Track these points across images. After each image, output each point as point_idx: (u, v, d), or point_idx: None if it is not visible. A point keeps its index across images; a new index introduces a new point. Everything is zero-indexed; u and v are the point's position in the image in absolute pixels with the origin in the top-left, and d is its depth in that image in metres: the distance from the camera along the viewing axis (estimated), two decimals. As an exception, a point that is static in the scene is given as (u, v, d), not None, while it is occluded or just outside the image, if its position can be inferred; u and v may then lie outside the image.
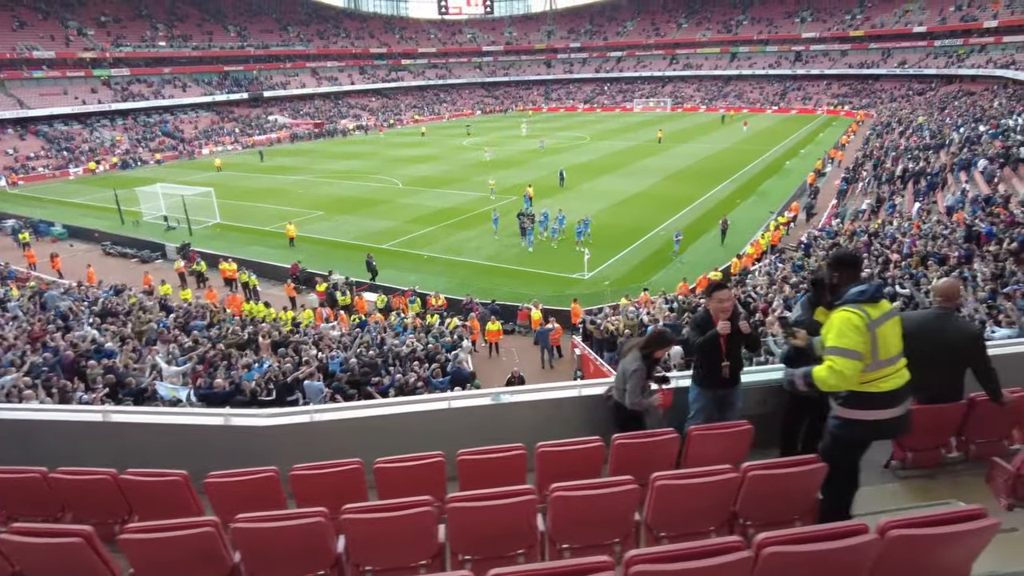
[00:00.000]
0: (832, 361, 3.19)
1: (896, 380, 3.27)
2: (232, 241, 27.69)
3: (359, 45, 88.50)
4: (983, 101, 49.32)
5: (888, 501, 3.43)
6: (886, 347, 3.26)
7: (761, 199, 30.16)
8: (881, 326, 3.22)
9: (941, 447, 3.59)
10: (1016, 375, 4.04)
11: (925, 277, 14.97)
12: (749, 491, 2.87)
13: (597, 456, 3.46)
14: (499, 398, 4.20)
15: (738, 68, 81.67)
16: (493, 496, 2.83)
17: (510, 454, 3.52)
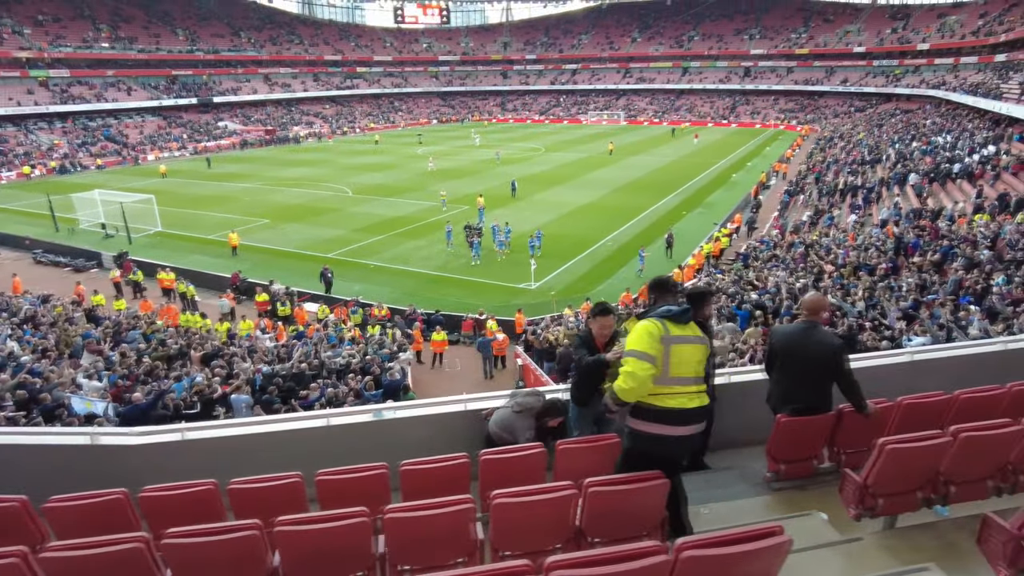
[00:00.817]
0: (626, 363, 3.32)
1: (684, 401, 3.33)
2: (173, 250, 26.86)
3: (313, 52, 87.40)
4: (917, 119, 51.67)
5: (760, 513, 3.48)
6: (679, 365, 3.34)
7: (707, 211, 30.83)
8: (679, 345, 3.35)
9: (813, 458, 3.67)
10: (892, 386, 4.19)
11: (856, 287, 15.54)
12: (591, 508, 2.86)
13: (462, 471, 3.43)
14: (380, 414, 4.12)
15: (690, 82, 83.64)
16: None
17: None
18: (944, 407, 3.70)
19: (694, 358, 3.40)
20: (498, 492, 2.82)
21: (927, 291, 14.31)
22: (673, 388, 3.32)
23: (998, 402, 3.73)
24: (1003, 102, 37.75)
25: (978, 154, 31.81)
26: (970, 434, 2.91)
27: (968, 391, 3.74)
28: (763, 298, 14.65)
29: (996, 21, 62.02)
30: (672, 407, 3.30)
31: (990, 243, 17.04)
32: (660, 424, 3.31)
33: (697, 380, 3.42)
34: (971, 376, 4.21)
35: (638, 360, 3.26)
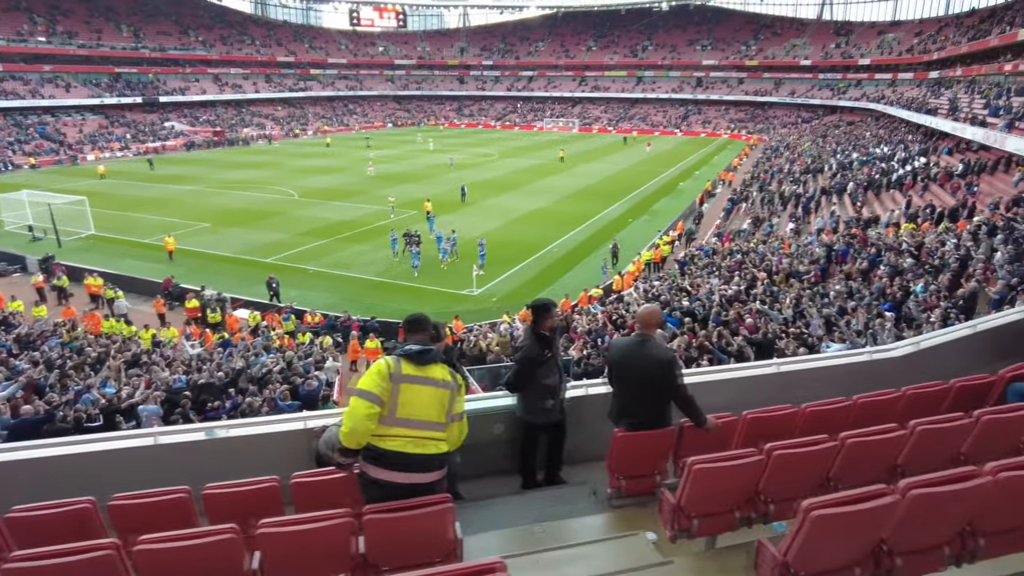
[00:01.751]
0: (349, 402, 3.20)
1: (404, 444, 3.16)
2: (106, 254, 25.84)
3: (265, 53, 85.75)
4: (858, 131, 53.56)
5: (593, 533, 3.42)
6: (408, 406, 3.17)
7: (652, 218, 31.25)
8: (410, 385, 3.19)
9: (656, 474, 3.64)
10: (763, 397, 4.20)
11: (785, 294, 15.90)
12: (371, 537, 2.75)
13: (271, 495, 3.29)
14: (213, 433, 3.94)
15: (643, 91, 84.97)
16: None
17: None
18: (787, 421, 3.72)
19: (429, 401, 3.21)
20: (268, 521, 2.70)
21: (852, 298, 14.71)
22: (397, 430, 3.17)
23: (845, 415, 3.77)
24: (934, 117, 39.39)
25: (910, 165, 33.11)
26: (781, 452, 2.90)
27: (816, 404, 3.76)
28: (694, 305, 14.84)
29: (930, 40, 64.89)
30: (390, 449, 3.15)
31: (914, 251, 17.66)
32: (379, 468, 3.16)
33: (432, 425, 3.22)
34: (842, 387, 4.26)
35: (359, 398, 3.14)
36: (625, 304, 17.13)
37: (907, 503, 2.39)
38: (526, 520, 3.49)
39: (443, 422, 3.26)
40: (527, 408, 4.51)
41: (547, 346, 4.46)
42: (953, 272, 14.58)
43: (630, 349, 3.93)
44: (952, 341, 5.08)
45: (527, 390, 4.47)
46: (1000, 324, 5.45)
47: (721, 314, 13.96)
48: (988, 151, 29.42)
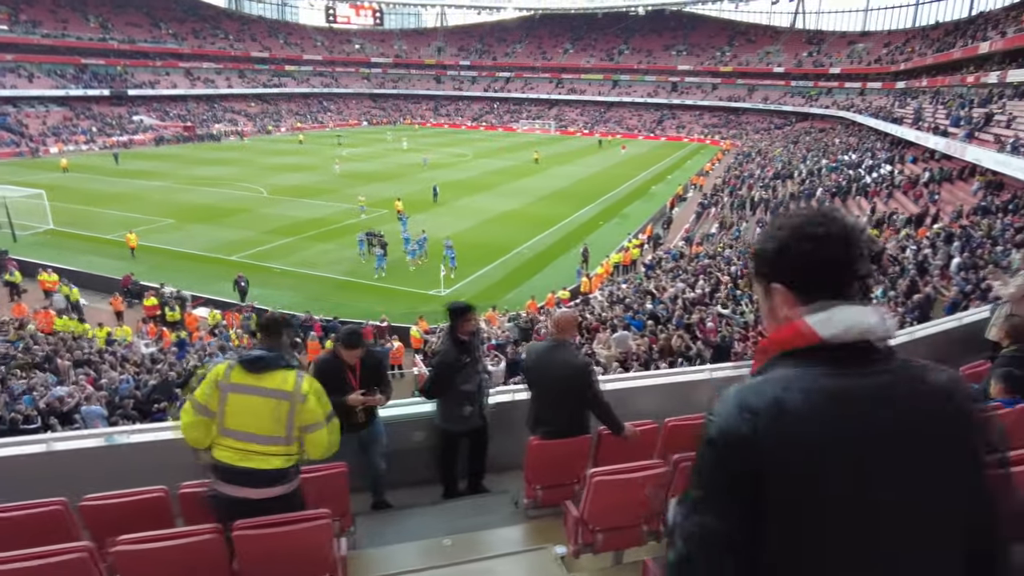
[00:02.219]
0: None
1: (231, 456, 3.00)
2: (64, 249, 25.11)
3: (239, 48, 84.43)
4: (828, 138, 54.50)
5: (503, 545, 3.31)
6: (235, 416, 3.00)
7: (623, 221, 31.35)
8: (238, 394, 3.01)
9: (575, 483, 3.55)
10: (697, 404, 4.15)
11: (749, 298, 16.02)
12: (242, 555, 2.62)
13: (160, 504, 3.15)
14: (112, 439, 3.77)
15: (619, 95, 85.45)
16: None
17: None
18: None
19: (260, 413, 2.98)
20: (126, 538, 2.57)
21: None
22: (226, 441, 3.02)
23: None
24: (900, 126, 40.21)
25: (876, 172, 33.74)
26: (688, 464, 2.84)
27: None
28: (657, 308, 14.87)
29: (897, 51, 66.33)
30: (219, 460, 3.01)
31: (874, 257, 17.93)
32: (221, 482, 3.02)
33: (263, 439, 3.00)
34: None
35: (188, 405, 3.03)
36: (591, 307, 17.12)
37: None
38: (440, 532, 3.37)
39: (281, 435, 3.02)
40: (444, 415, 4.39)
41: (465, 351, 4.36)
42: (911, 278, 14.84)
43: (544, 355, 3.80)
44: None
45: (446, 397, 4.37)
46: (938, 331, 5.48)
47: (684, 317, 14.01)
48: (951, 160, 30.10)
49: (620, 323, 13.74)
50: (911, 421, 1.13)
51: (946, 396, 1.17)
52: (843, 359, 1.16)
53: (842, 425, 1.11)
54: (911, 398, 1.15)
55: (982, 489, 1.17)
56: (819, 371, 1.15)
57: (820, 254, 1.21)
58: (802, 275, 1.23)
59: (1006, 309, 5.41)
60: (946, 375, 1.20)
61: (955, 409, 1.17)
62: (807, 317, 1.20)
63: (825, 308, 1.19)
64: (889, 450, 1.11)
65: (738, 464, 1.12)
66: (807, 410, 1.11)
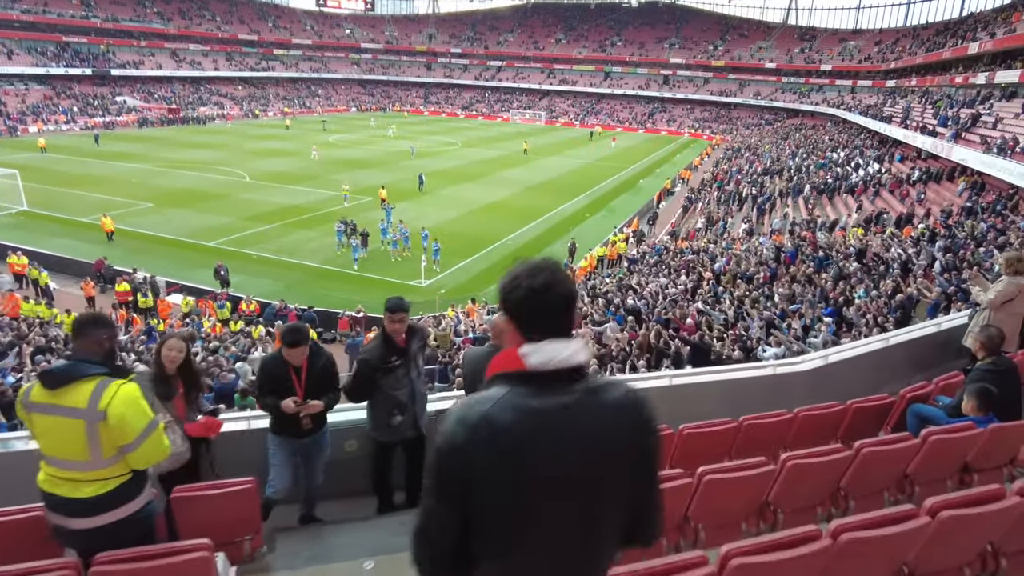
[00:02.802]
0: None
1: (45, 481, 2.70)
2: (38, 232, 24.51)
3: (227, 30, 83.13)
4: (818, 135, 54.51)
5: None
6: (43, 440, 2.66)
7: (610, 214, 31.15)
8: (41, 415, 2.63)
9: None
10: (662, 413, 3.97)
11: (729, 295, 15.87)
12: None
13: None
14: (8, 445, 3.49)
15: (611, 87, 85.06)
16: None
17: None
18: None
19: (61, 434, 2.59)
20: None
21: (796, 302, 14.73)
22: (44, 466, 2.72)
23: (723, 440, 3.49)
24: (889, 124, 40.22)
25: (863, 170, 33.72)
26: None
27: (696, 426, 3.48)
28: (639, 304, 14.67)
29: (888, 49, 66.39)
30: (39, 483, 2.72)
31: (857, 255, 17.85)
32: (47, 508, 2.73)
33: (70, 464, 2.63)
34: (738, 402, 4.01)
35: None
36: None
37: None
38: (365, 552, 3.10)
39: (86, 460, 2.61)
40: (374, 423, 4.10)
41: (396, 352, 4.01)
42: (895, 278, 14.73)
43: (482, 361, 3.39)
44: (865, 355, 4.87)
45: (375, 402, 4.07)
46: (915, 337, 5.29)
47: (664, 313, 13.83)
48: (937, 160, 30.12)
49: (601, 317, 13.52)
50: (589, 431, 1.46)
51: (619, 409, 1.50)
52: (546, 383, 1.46)
53: (537, 436, 1.42)
54: (591, 413, 1.47)
55: (646, 482, 1.59)
56: (525, 391, 1.45)
57: (536, 301, 1.50)
58: (523, 315, 1.53)
59: (984, 317, 5.22)
60: (622, 391, 1.53)
61: (627, 419, 1.51)
62: (521, 349, 1.50)
63: (536, 342, 1.49)
64: (571, 456, 1.44)
65: (456, 467, 1.42)
66: (510, 424, 1.41)
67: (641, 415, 1.54)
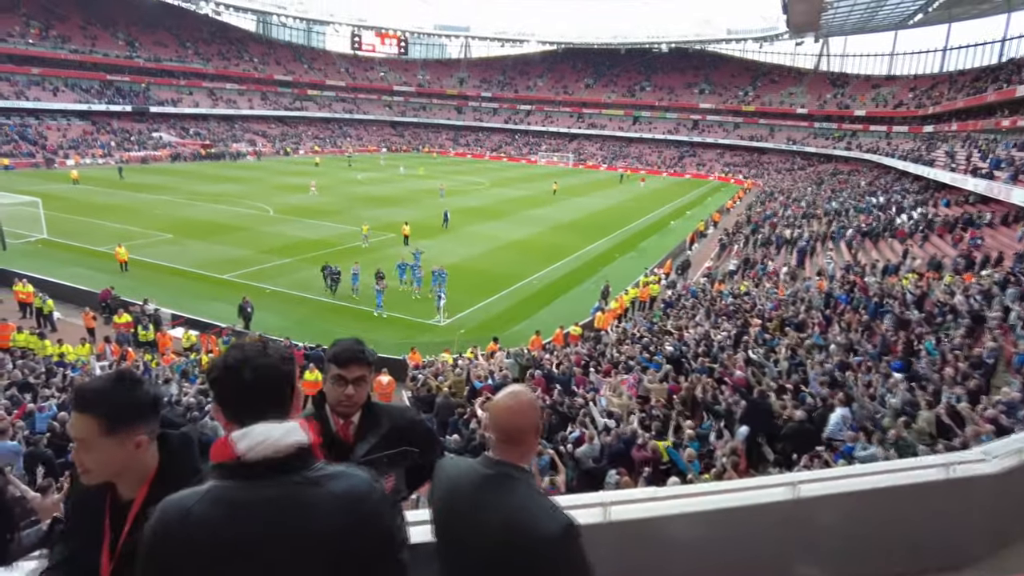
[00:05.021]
0: None
1: None
2: (53, 260, 24.03)
3: (263, 70, 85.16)
4: (853, 179, 53.01)
5: None
6: None
7: (640, 255, 29.83)
8: None
9: None
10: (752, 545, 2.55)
11: (779, 344, 14.31)
12: None
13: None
14: None
15: (639, 131, 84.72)
16: None
17: None
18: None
19: None
20: None
21: (856, 353, 13.15)
22: None
23: None
24: (932, 168, 38.69)
25: (906, 214, 32.08)
26: None
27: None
28: (678, 351, 13.20)
29: (924, 95, 65.09)
30: None
31: (916, 302, 16.24)
32: None
33: None
34: (899, 534, 2.59)
35: None
36: (603, 344, 15.48)
37: None
38: None
39: None
40: None
41: (334, 448, 2.48)
42: (966, 328, 13.10)
43: (470, 497, 1.82)
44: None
45: None
46: None
47: (707, 363, 12.34)
48: (988, 203, 28.45)
49: (637, 364, 12.08)
50: (290, 529, 1.37)
51: (336, 506, 1.41)
52: (257, 473, 1.39)
53: (229, 531, 1.35)
54: (298, 510, 1.39)
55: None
56: (232, 484, 1.39)
57: (230, 380, 1.47)
58: (223, 396, 1.50)
59: None
60: (347, 484, 1.45)
61: (340, 520, 1.40)
62: (231, 435, 1.42)
63: (246, 426, 1.42)
64: (267, 556, 1.36)
65: (158, 557, 1.36)
66: (207, 518, 1.34)
67: (360, 515, 1.43)
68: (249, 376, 1.44)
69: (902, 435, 7.99)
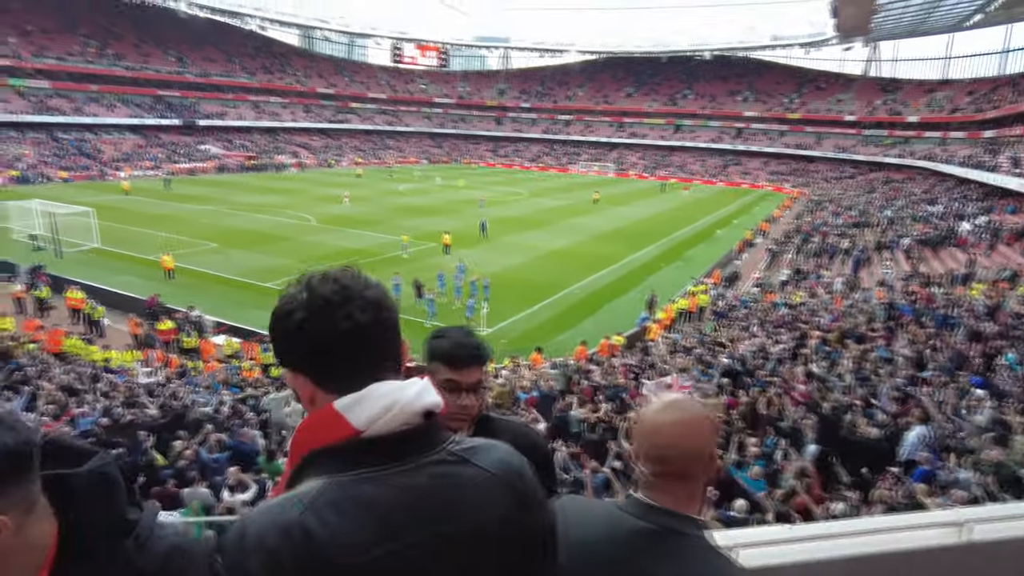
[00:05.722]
0: None
1: None
2: (104, 268, 24.57)
3: (307, 84, 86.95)
4: (907, 187, 51.01)
5: None
6: None
7: (686, 264, 28.98)
8: None
9: None
10: None
11: (840, 356, 13.46)
12: None
13: None
14: None
15: (681, 140, 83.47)
16: None
17: None
18: None
19: None
20: None
21: (923, 366, 12.24)
22: None
23: None
24: (996, 174, 36.84)
25: (968, 222, 30.51)
26: None
27: None
28: (734, 363, 12.50)
29: (983, 99, 62.39)
30: None
31: (989, 313, 15.18)
32: None
33: None
34: None
35: None
36: (651, 357, 14.83)
37: None
38: None
39: None
40: None
41: None
42: (1053, 342, 12.09)
43: (618, 553, 1.25)
44: None
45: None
46: None
47: (766, 376, 11.61)
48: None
49: (690, 377, 11.43)
50: (451, 522, 0.99)
51: (490, 496, 1.03)
52: (384, 453, 0.99)
53: (380, 547, 0.93)
54: (453, 495, 1.01)
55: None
56: (353, 475, 0.97)
57: (339, 329, 0.99)
58: (324, 354, 1.00)
59: None
60: (496, 456, 1.08)
61: (504, 501, 1.04)
62: (337, 403, 0.99)
63: (353, 391, 1.00)
64: (427, 565, 0.97)
65: None
66: (341, 531, 0.92)
67: (520, 494, 1.05)
68: (361, 316, 0.99)
69: (1001, 459, 7.19)
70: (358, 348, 0.99)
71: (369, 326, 1.00)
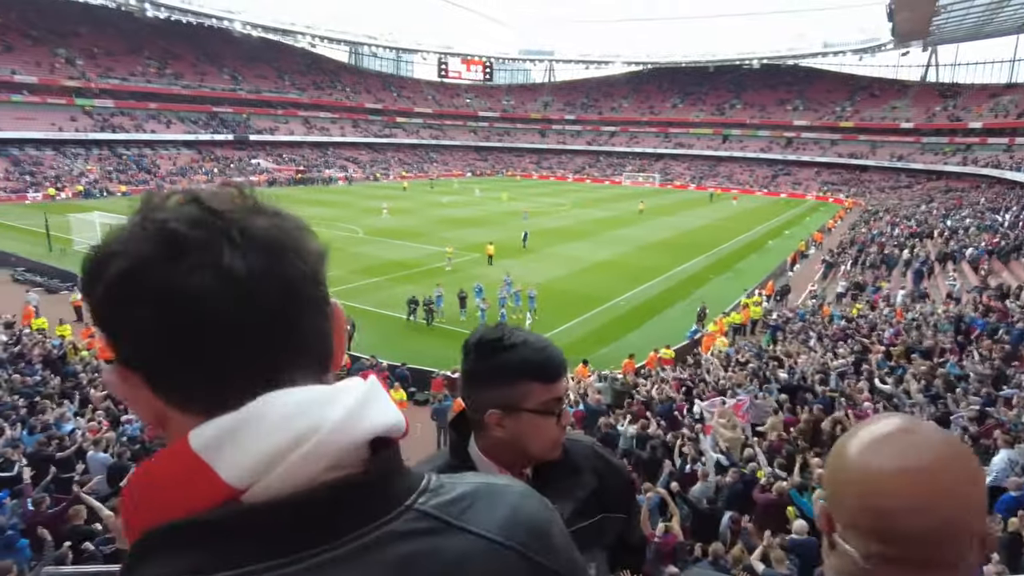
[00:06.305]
0: None
1: None
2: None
3: (355, 99, 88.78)
4: (969, 196, 48.69)
5: None
6: None
7: (736, 276, 28.13)
8: None
9: None
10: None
11: (907, 372, 12.68)
12: None
13: None
14: None
15: (729, 150, 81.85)
16: None
17: None
18: None
19: None
20: None
21: (1001, 384, 11.39)
22: None
23: None
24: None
25: (1045, 233, 28.79)
26: None
27: None
28: (792, 378, 11.88)
29: (1056, 103, 59.36)
30: None
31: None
32: None
33: None
34: None
35: None
36: (703, 370, 14.28)
37: None
38: None
39: None
40: None
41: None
42: None
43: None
44: None
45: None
46: None
47: (829, 392, 10.98)
48: None
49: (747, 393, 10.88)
50: None
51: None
52: (290, 535, 0.54)
53: None
54: None
55: None
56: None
57: (195, 290, 0.56)
58: (164, 342, 0.56)
59: None
60: (501, 519, 0.63)
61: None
62: (192, 437, 0.55)
63: (233, 408, 0.56)
64: None
65: None
66: None
67: (553, 568, 0.64)
68: (238, 263, 0.56)
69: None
70: (232, 327, 0.56)
71: (255, 284, 0.57)
